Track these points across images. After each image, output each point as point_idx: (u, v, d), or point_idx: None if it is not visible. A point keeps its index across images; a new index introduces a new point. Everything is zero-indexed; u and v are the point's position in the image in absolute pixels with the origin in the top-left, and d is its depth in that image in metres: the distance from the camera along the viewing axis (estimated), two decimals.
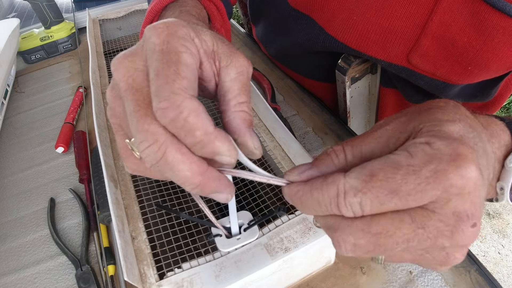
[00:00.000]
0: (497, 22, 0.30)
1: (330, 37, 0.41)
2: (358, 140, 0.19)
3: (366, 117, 0.52)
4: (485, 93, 0.40)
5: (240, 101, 0.22)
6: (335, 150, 0.19)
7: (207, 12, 0.34)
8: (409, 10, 0.34)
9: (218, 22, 0.35)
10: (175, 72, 0.18)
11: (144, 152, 0.19)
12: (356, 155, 0.19)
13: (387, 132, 0.19)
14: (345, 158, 0.19)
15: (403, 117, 0.19)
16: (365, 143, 0.19)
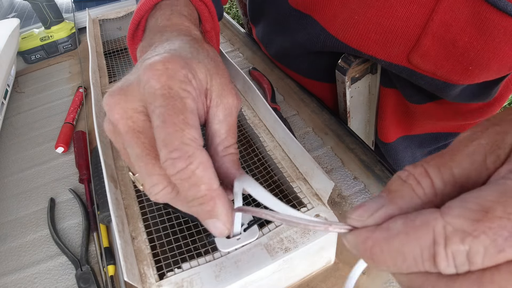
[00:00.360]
0: (498, 22, 0.30)
1: (331, 36, 0.41)
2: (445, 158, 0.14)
3: (366, 117, 0.52)
4: (485, 93, 0.39)
5: (227, 145, 0.22)
6: (416, 174, 0.14)
7: (198, 13, 0.33)
8: (410, 9, 0.34)
9: (209, 24, 0.34)
10: (184, 121, 0.18)
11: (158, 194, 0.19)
12: (447, 180, 0.14)
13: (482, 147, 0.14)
14: (433, 186, 0.14)
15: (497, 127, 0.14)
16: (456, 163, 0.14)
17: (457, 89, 0.37)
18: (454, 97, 0.39)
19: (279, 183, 0.37)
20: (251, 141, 0.42)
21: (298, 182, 0.36)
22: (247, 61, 0.59)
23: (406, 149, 0.53)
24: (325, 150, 0.41)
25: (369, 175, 0.37)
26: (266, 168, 0.38)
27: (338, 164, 0.39)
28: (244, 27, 0.80)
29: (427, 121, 0.47)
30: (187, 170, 0.17)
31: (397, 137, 0.51)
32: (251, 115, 0.44)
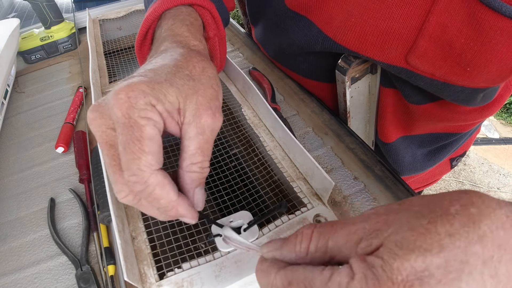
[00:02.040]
0: (494, 23, 0.30)
1: (329, 38, 0.41)
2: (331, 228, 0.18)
3: (366, 117, 0.52)
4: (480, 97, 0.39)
5: (193, 162, 0.24)
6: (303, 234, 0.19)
7: (202, 20, 0.34)
8: (406, 11, 0.34)
9: (212, 31, 0.35)
10: (140, 149, 0.21)
11: (123, 199, 0.22)
12: (320, 248, 0.18)
13: (363, 230, 0.17)
14: (307, 250, 0.18)
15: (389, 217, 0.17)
16: (336, 236, 0.18)
17: (457, 90, 0.37)
18: (455, 98, 0.38)
19: (279, 183, 0.37)
20: (251, 141, 0.42)
21: (298, 182, 0.36)
22: (247, 61, 0.59)
23: (406, 149, 0.53)
24: (325, 150, 0.41)
25: (369, 175, 0.37)
26: (266, 168, 0.38)
27: (338, 164, 0.39)
28: (244, 27, 0.80)
29: (427, 121, 0.47)
30: (145, 191, 0.21)
31: (397, 137, 0.51)
32: (251, 115, 0.44)
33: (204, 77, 0.25)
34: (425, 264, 0.14)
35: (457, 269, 0.14)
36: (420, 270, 0.14)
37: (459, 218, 0.15)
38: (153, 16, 0.32)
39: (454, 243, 0.14)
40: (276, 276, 0.18)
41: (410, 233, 0.15)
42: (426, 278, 0.14)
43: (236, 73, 0.47)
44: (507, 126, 2.07)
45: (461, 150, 0.60)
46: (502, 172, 1.81)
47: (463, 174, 1.83)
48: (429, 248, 0.14)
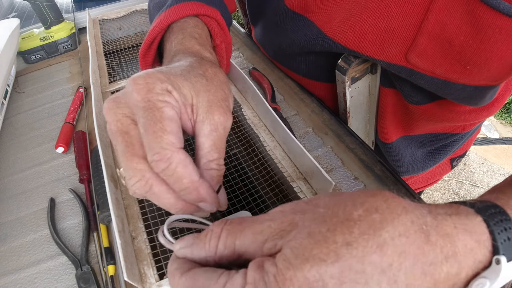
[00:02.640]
0: (492, 21, 0.30)
1: (328, 38, 0.41)
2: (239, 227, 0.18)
3: (366, 117, 0.52)
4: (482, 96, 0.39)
5: (210, 159, 0.24)
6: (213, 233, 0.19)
7: (208, 29, 0.35)
8: (405, 9, 0.34)
9: (219, 38, 0.36)
10: (161, 128, 0.21)
11: (134, 186, 0.22)
12: (228, 246, 0.18)
13: (269, 230, 0.17)
14: (216, 248, 0.18)
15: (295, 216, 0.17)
16: (243, 235, 0.18)
17: (458, 88, 0.37)
18: (456, 96, 0.38)
19: (279, 183, 0.37)
20: (251, 141, 0.42)
21: (298, 182, 0.36)
22: (247, 61, 0.59)
23: (406, 149, 0.53)
24: (325, 150, 0.41)
25: (369, 175, 0.37)
26: (266, 168, 0.38)
27: (338, 164, 0.39)
28: (244, 27, 0.80)
29: (427, 121, 0.47)
30: (169, 169, 0.21)
31: (397, 137, 0.51)
32: (251, 115, 0.44)
33: (216, 80, 0.26)
34: (319, 274, 0.14)
35: (352, 279, 0.14)
36: (313, 280, 0.14)
37: (360, 224, 0.15)
38: (160, 28, 0.33)
39: (350, 253, 0.14)
40: (179, 281, 0.18)
41: (308, 241, 0.15)
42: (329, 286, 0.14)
43: (236, 73, 0.47)
44: (507, 126, 2.07)
45: (461, 150, 0.60)
46: (502, 172, 1.81)
47: (463, 174, 1.83)
48: (324, 258, 0.14)
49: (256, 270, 0.15)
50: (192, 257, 0.19)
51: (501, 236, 0.17)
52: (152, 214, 0.33)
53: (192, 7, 0.33)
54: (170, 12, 0.33)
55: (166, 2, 0.35)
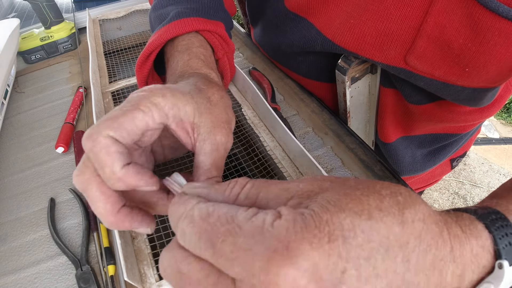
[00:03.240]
0: (492, 24, 0.29)
1: (328, 40, 0.41)
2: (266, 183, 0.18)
3: (366, 117, 0.52)
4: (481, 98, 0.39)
5: (209, 176, 0.24)
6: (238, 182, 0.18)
7: (210, 45, 0.35)
8: (404, 12, 0.34)
9: (221, 51, 0.36)
10: (115, 116, 0.21)
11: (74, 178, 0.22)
12: (250, 196, 0.18)
13: (296, 188, 0.17)
14: (237, 196, 0.18)
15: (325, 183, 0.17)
16: (269, 189, 0.17)
17: (457, 90, 0.37)
18: (455, 97, 0.38)
19: None
20: (251, 141, 0.42)
21: None
22: (247, 61, 0.59)
23: (406, 149, 0.53)
24: (325, 150, 0.41)
25: (369, 175, 0.37)
26: (266, 168, 0.38)
27: (338, 164, 0.39)
28: (244, 27, 0.80)
29: (427, 122, 0.47)
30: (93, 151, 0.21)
31: (397, 137, 0.51)
32: (251, 115, 0.44)
33: (221, 104, 0.27)
34: (352, 225, 0.14)
35: (378, 241, 0.14)
36: (346, 229, 0.14)
37: (389, 199, 0.15)
38: (158, 42, 0.33)
39: (381, 218, 0.15)
40: (195, 206, 0.17)
41: (343, 197, 0.15)
42: (350, 239, 0.14)
43: (236, 73, 0.47)
44: (507, 126, 2.07)
45: (462, 150, 0.60)
46: (502, 172, 1.81)
47: (463, 174, 1.83)
48: (359, 213, 0.15)
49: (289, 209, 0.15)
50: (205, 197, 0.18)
51: (503, 241, 0.17)
52: None
53: (193, 23, 0.34)
54: (171, 27, 0.33)
55: (168, 15, 0.35)
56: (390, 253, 0.14)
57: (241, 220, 0.15)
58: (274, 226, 0.14)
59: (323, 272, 0.13)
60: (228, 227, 0.15)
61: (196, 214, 0.16)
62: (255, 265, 0.13)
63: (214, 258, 0.15)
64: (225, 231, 0.15)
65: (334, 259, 0.13)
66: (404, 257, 0.14)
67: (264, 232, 0.14)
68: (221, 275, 0.15)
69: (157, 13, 0.37)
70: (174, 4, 0.36)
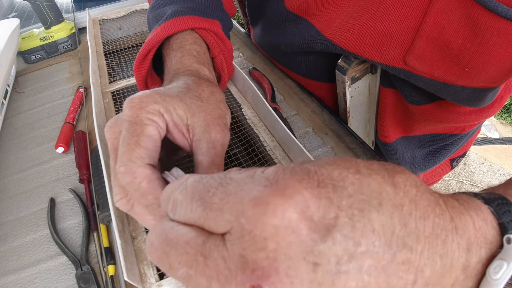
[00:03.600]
0: (491, 24, 0.29)
1: (327, 40, 0.41)
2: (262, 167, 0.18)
3: (366, 117, 0.52)
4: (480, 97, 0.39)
5: None
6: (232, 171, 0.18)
7: (205, 42, 0.35)
8: (403, 12, 0.34)
9: (216, 49, 0.36)
10: (136, 142, 0.22)
11: (117, 203, 0.23)
12: None
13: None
14: None
15: None
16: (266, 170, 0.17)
17: (457, 90, 0.37)
18: (455, 97, 0.38)
19: None
20: (251, 141, 0.42)
21: None
22: (247, 61, 0.59)
23: (406, 149, 0.53)
24: (325, 150, 0.41)
25: None
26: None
27: None
28: (244, 27, 0.80)
29: (427, 122, 0.47)
30: (133, 183, 0.21)
31: (397, 137, 0.51)
32: (251, 115, 0.44)
33: (212, 99, 0.27)
34: (341, 176, 0.14)
35: (369, 195, 0.13)
36: (335, 179, 0.13)
37: (377, 165, 0.15)
38: (155, 41, 0.33)
39: (370, 174, 0.14)
40: (190, 177, 0.16)
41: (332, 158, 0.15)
42: (339, 188, 0.13)
43: (236, 73, 0.47)
44: (507, 126, 2.07)
45: (461, 150, 0.60)
46: (502, 172, 1.81)
47: (463, 174, 1.83)
48: (347, 167, 0.14)
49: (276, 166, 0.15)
50: None
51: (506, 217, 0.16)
52: None
53: (188, 21, 0.34)
54: (167, 26, 0.33)
55: (165, 14, 0.35)
56: (384, 209, 0.13)
57: (233, 174, 0.15)
58: (264, 172, 0.14)
59: (315, 213, 0.12)
60: (220, 181, 0.14)
61: (190, 181, 0.16)
62: (245, 201, 0.13)
63: (204, 213, 0.14)
64: (217, 184, 0.14)
65: (325, 203, 0.13)
66: (401, 219, 0.13)
67: (254, 177, 0.14)
68: (210, 235, 0.14)
69: (154, 13, 0.37)
70: (171, 3, 0.36)
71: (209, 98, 0.27)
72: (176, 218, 0.16)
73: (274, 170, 0.14)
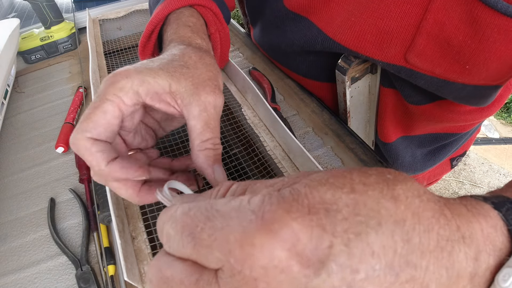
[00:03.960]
0: (491, 21, 0.29)
1: (329, 38, 0.41)
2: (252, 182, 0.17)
3: (366, 117, 0.52)
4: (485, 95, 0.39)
5: (203, 140, 0.24)
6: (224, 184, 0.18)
7: (203, 18, 0.36)
8: (403, 9, 0.34)
9: (213, 27, 0.36)
10: (88, 117, 0.22)
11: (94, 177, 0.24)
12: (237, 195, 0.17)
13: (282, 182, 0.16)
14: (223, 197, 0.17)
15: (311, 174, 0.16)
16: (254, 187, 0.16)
17: (458, 87, 0.37)
18: (456, 95, 0.38)
19: None
20: (251, 141, 0.42)
21: None
22: (247, 61, 0.59)
23: (406, 149, 0.53)
24: (325, 150, 0.41)
25: None
26: (266, 168, 0.38)
27: (338, 164, 0.39)
28: (244, 27, 0.80)
29: (427, 122, 0.47)
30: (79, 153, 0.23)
31: (397, 137, 0.51)
32: (251, 115, 0.44)
33: (201, 63, 0.26)
34: (334, 198, 0.13)
35: (366, 215, 0.13)
36: (328, 202, 0.13)
37: (375, 177, 0.14)
38: (157, 19, 0.33)
39: (366, 191, 0.13)
40: (179, 207, 0.16)
41: (324, 174, 0.14)
42: (332, 211, 0.12)
43: (236, 73, 0.47)
44: (507, 126, 2.07)
45: (461, 150, 0.60)
46: (502, 172, 1.81)
47: (463, 173, 1.83)
48: (340, 186, 0.13)
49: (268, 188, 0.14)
50: None
51: None
52: (152, 214, 0.33)
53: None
54: (167, 3, 0.34)
55: None
56: (384, 228, 0.12)
57: (219, 205, 0.14)
58: (250, 202, 0.13)
59: (306, 246, 0.12)
60: (207, 214, 0.14)
61: (179, 212, 0.15)
62: (231, 240, 0.12)
63: (195, 250, 0.14)
64: (204, 218, 0.14)
65: (317, 232, 0.12)
66: (403, 235, 0.13)
67: (240, 209, 0.13)
68: (203, 271, 0.14)
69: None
70: None
71: (197, 63, 0.26)
72: (171, 252, 0.15)
73: (260, 200, 0.13)
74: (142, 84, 0.23)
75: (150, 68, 0.24)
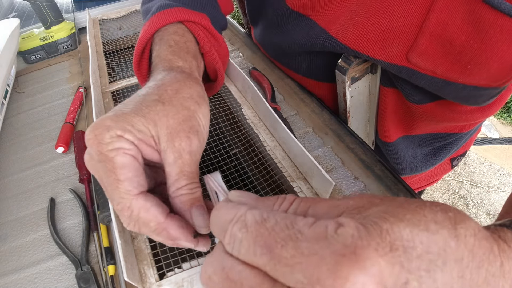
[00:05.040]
0: (493, 21, 0.30)
1: (331, 37, 0.41)
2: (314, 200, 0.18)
3: (366, 117, 0.52)
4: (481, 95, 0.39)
5: (178, 187, 0.24)
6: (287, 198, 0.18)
7: (193, 35, 0.35)
8: (406, 9, 0.34)
9: (207, 44, 0.35)
10: (115, 179, 0.22)
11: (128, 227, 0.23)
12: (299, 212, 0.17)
13: (346, 205, 0.16)
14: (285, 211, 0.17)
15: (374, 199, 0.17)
16: (317, 206, 0.17)
17: (458, 87, 0.37)
18: (456, 96, 0.38)
19: (279, 182, 0.37)
20: (251, 141, 0.42)
21: (298, 181, 0.36)
22: (247, 61, 0.59)
23: (407, 149, 0.53)
24: (325, 150, 0.41)
25: (369, 175, 0.37)
26: (266, 168, 0.38)
27: (338, 164, 0.39)
28: (244, 27, 0.80)
29: (428, 121, 0.47)
30: (132, 216, 0.22)
31: (397, 137, 0.51)
32: (251, 115, 0.44)
33: (176, 99, 0.25)
34: (411, 235, 0.14)
35: (436, 253, 0.14)
36: (406, 239, 0.14)
37: (441, 214, 0.15)
38: (146, 38, 0.33)
39: (438, 230, 0.14)
40: (248, 212, 0.16)
41: (400, 209, 0.15)
42: (409, 249, 0.14)
43: (236, 73, 0.47)
44: (507, 126, 2.07)
45: (462, 150, 0.60)
46: (502, 172, 1.81)
47: (463, 173, 1.83)
48: (417, 223, 0.14)
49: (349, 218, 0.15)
50: None
51: None
52: None
53: (175, 13, 0.33)
54: (154, 20, 0.33)
55: (152, 8, 0.35)
56: (447, 266, 0.14)
57: (302, 226, 0.15)
58: (338, 233, 0.14)
59: (388, 281, 0.13)
60: (288, 232, 0.14)
61: (250, 219, 0.16)
62: (322, 269, 0.13)
63: (271, 265, 0.14)
64: (285, 236, 0.14)
65: (397, 269, 0.13)
66: (459, 272, 0.14)
67: (328, 238, 0.14)
68: (275, 284, 0.14)
69: (144, 8, 0.37)
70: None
71: (172, 98, 0.25)
72: (235, 254, 0.16)
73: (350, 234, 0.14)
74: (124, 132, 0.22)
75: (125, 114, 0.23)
